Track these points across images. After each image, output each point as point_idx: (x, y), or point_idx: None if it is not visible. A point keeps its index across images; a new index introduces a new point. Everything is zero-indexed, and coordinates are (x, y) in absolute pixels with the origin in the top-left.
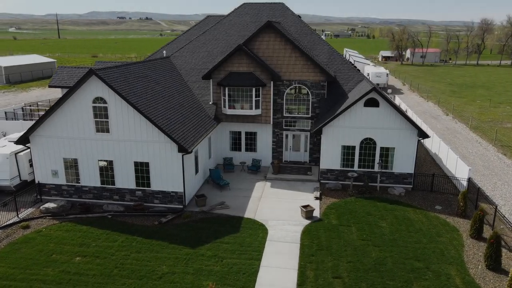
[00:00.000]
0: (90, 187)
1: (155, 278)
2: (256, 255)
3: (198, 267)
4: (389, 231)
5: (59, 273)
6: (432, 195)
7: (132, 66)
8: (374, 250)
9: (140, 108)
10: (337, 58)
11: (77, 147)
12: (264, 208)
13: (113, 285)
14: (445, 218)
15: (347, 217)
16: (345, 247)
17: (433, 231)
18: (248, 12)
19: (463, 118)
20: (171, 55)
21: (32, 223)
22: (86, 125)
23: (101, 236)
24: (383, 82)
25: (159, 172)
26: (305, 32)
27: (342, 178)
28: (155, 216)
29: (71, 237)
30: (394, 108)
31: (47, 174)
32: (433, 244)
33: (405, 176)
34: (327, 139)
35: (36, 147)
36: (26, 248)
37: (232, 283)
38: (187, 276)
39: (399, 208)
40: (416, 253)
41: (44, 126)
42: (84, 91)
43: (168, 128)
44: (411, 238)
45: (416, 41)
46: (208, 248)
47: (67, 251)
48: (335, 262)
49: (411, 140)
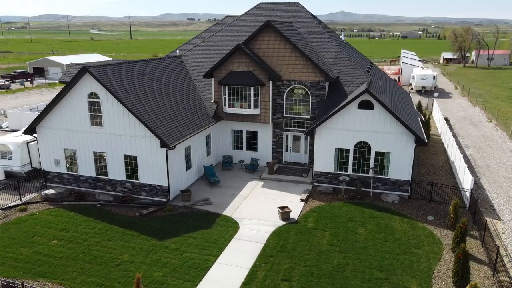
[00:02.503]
0: (86, 176)
1: (113, 266)
2: (216, 252)
3: (157, 259)
4: (364, 239)
5: (31, 253)
6: (430, 205)
7: (132, 64)
8: (339, 256)
9: (127, 103)
10: (343, 59)
11: (76, 139)
12: (246, 207)
13: (73, 267)
14: (433, 229)
15: (325, 221)
16: (310, 251)
17: (413, 242)
18: (262, 12)
19: (506, 125)
20: (183, 54)
21: (30, 207)
22: (82, 118)
23: (83, 223)
24: (429, 85)
25: (146, 166)
26: (316, 32)
27: (336, 182)
28: (140, 208)
29: (57, 221)
30: (388, 112)
31: (51, 163)
32: (406, 256)
33: (401, 183)
34: (320, 141)
35: (41, 138)
36: (14, 229)
37: (180, 277)
38: (142, 266)
39: (386, 216)
40: (382, 263)
41: (47, 118)
42: (80, 87)
43: (154, 124)
44: (384, 248)
45: (481, 42)
46: (175, 241)
47: (48, 234)
48: (291, 265)
49: (408, 145)
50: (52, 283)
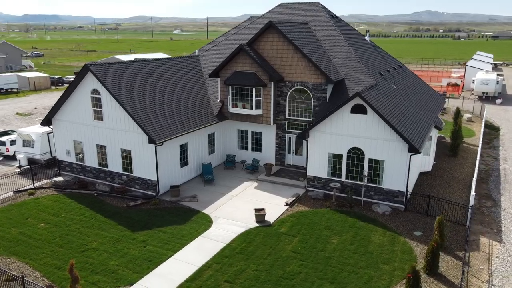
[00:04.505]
0: (91, 167)
1: (79, 251)
2: (177, 247)
3: (120, 249)
4: (332, 249)
5: (17, 233)
6: (424, 220)
7: (140, 63)
8: (296, 264)
9: (121, 100)
10: (353, 60)
11: (82, 131)
12: (228, 207)
13: (44, 249)
14: (415, 246)
15: (300, 227)
16: (268, 255)
17: (384, 257)
18: (282, 12)
19: None
20: (200, 54)
21: (38, 192)
22: (87, 112)
23: (74, 210)
24: (491, 90)
25: (139, 160)
26: (330, 32)
27: (329, 188)
28: (130, 200)
29: (53, 206)
30: (380, 117)
31: (63, 152)
32: (367, 270)
33: (395, 193)
34: (314, 145)
35: (55, 129)
36: (15, 210)
37: (132, 268)
38: (104, 254)
39: (368, 227)
40: (337, 276)
41: (60, 111)
42: (85, 83)
43: (145, 121)
44: (348, 260)
45: None
46: (145, 234)
47: (40, 217)
48: (242, 268)
49: (402, 154)
50: (20, 262)
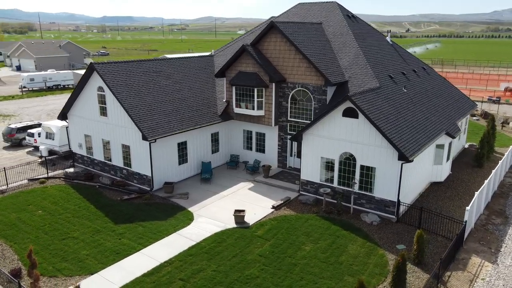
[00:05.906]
0: (98, 160)
1: (59, 239)
2: (149, 242)
3: (96, 239)
4: (301, 256)
5: (14, 219)
6: (414, 233)
7: (146, 62)
8: (257, 268)
9: (120, 97)
10: (360, 62)
11: (91, 126)
12: (215, 206)
13: (30, 234)
14: (392, 259)
15: (277, 231)
16: (233, 257)
17: (353, 269)
18: (298, 12)
19: None
20: (215, 54)
21: (49, 181)
22: (94, 108)
23: (72, 200)
24: None
25: (136, 156)
26: (342, 33)
27: (321, 193)
28: (125, 193)
29: (56, 195)
30: (370, 122)
31: (76, 145)
32: (329, 281)
33: (386, 203)
34: (307, 148)
35: (70, 123)
36: (22, 197)
37: (99, 259)
38: (79, 244)
39: (350, 236)
40: (293, 284)
41: (74, 106)
42: (92, 81)
43: (141, 118)
44: (313, 269)
45: None
46: (125, 227)
47: (40, 205)
48: (202, 267)
49: (394, 161)
50: (6, 244)
